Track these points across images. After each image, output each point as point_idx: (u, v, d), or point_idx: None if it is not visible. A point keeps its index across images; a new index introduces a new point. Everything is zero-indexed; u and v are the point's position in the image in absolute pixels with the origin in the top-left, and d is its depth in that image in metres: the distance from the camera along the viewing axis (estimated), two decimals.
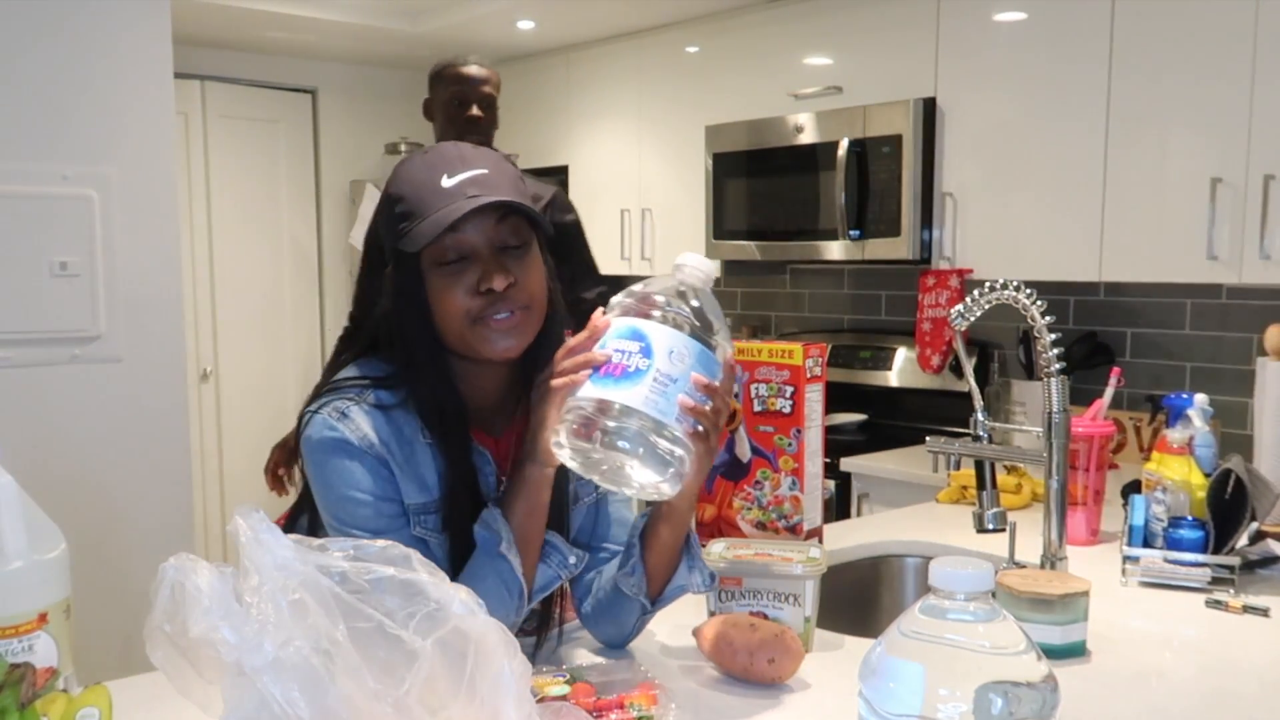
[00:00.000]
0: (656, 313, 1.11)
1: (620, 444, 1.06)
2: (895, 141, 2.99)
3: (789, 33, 3.36)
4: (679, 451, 1.09)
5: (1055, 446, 1.57)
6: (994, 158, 2.89)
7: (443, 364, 1.26)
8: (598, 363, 1.10)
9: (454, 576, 1.23)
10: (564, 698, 1.06)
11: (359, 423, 1.24)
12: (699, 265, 1.14)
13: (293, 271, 4.56)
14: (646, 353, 1.08)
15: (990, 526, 1.64)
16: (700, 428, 1.11)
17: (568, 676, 1.12)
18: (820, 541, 1.60)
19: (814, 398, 1.56)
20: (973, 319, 1.61)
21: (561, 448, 1.11)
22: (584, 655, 1.32)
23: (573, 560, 1.26)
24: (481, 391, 1.30)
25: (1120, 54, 2.61)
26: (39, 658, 1.01)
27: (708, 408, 1.12)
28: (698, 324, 1.12)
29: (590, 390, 1.09)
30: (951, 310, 1.63)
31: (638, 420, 1.07)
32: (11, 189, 2.18)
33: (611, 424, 1.07)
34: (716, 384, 1.13)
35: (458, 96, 2.67)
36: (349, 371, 1.29)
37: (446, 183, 1.22)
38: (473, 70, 2.69)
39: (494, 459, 1.30)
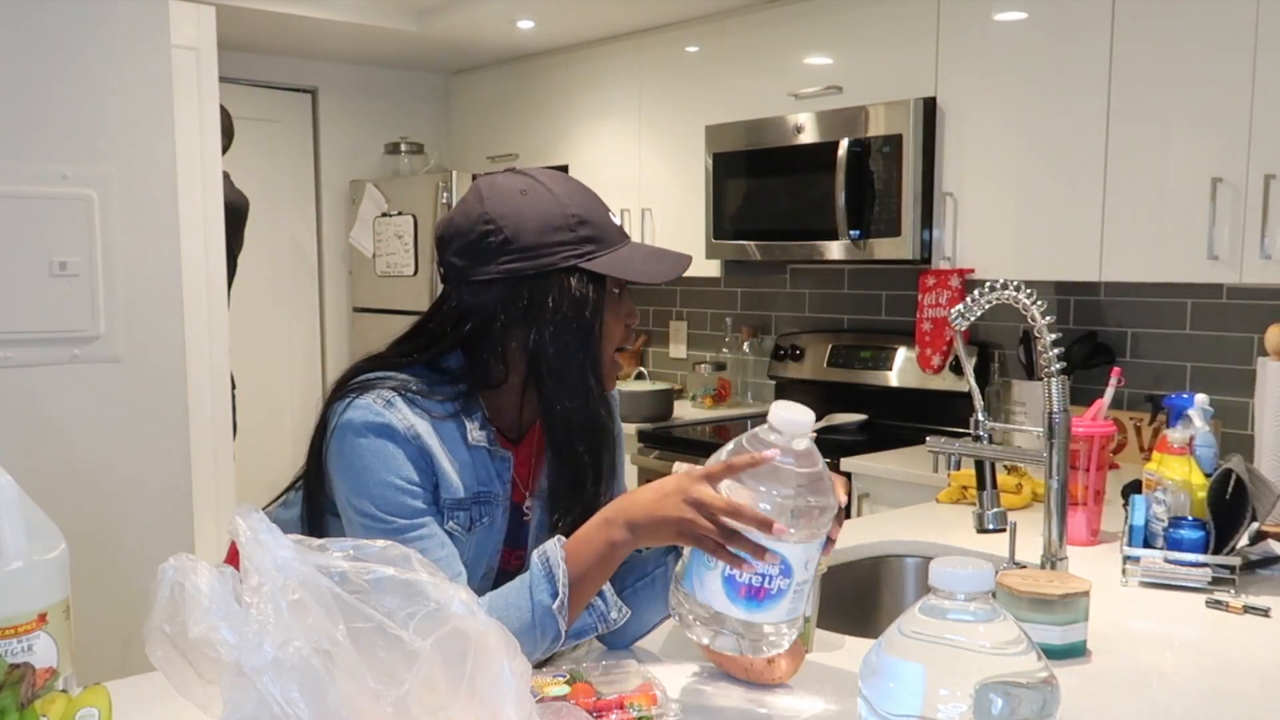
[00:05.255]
0: (788, 517, 1.08)
1: (764, 649, 1.11)
2: (895, 141, 2.99)
3: (789, 33, 3.36)
4: (803, 611, 1.13)
5: (1055, 446, 1.57)
6: (994, 157, 2.89)
7: (594, 376, 1.30)
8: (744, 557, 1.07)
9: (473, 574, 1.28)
10: (564, 698, 1.06)
11: (404, 412, 1.25)
12: (797, 422, 1.10)
13: (293, 271, 4.56)
14: (786, 572, 1.08)
15: (990, 526, 1.64)
16: None
17: (568, 677, 1.11)
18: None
19: None
20: (973, 319, 1.61)
21: (695, 634, 1.12)
22: (584, 655, 1.32)
23: (614, 616, 1.23)
24: (507, 404, 1.34)
25: (1120, 54, 2.61)
26: (39, 658, 1.01)
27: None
28: (813, 500, 1.09)
29: (733, 610, 1.08)
30: (952, 310, 1.63)
31: (780, 627, 1.11)
32: (11, 189, 2.18)
33: (756, 637, 1.10)
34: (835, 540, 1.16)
35: None
36: (400, 375, 1.30)
37: (615, 219, 1.33)
38: None
39: (514, 465, 1.34)
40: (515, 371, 1.31)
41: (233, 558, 1.38)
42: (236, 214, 3.41)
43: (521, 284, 1.26)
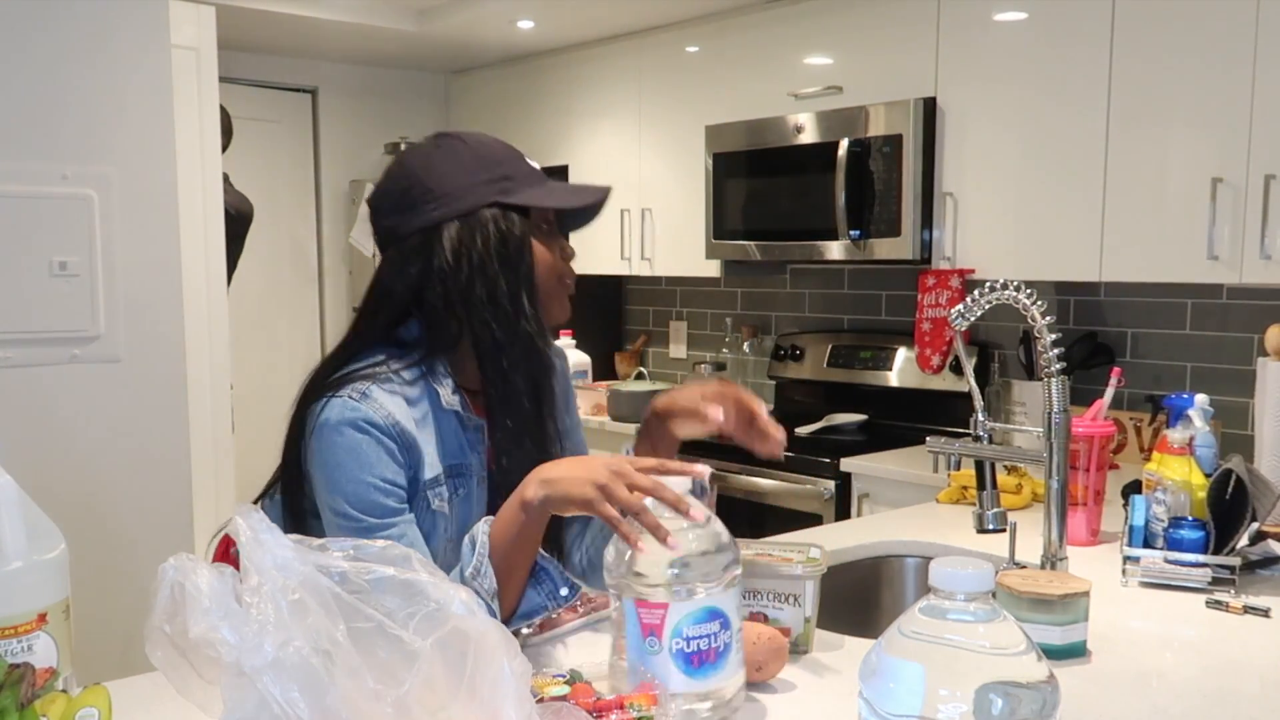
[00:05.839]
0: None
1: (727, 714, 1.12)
2: (895, 141, 2.99)
3: (789, 33, 3.36)
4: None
5: (1055, 446, 1.57)
6: (994, 157, 2.89)
7: (529, 306, 1.33)
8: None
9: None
10: (564, 698, 1.06)
11: (380, 400, 1.26)
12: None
13: (293, 271, 4.56)
14: (725, 624, 1.10)
15: (990, 527, 1.64)
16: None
17: (567, 677, 1.11)
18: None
19: None
20: (973, 319, 1.61)
21: None
22: (584, 656, 1.32)
23: (564, 592, 1.26)
24: (470, 364, 1.35)
25: (1121, 53, 2.61)
26: (38, 658, 1.01)
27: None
28: (723, 536, 1.12)
29: (693, 686, 1.09)
30: (952, 310, 1.63)
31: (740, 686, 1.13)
32: (11, 189, 2.18)
33: (719, 702, 1.10)
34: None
35: None
36: (356, 363, 1.31)
37: (534, 164, 1.38)
38: None
39: (486, 433, 1.35)
40: (466, 325, 1.33)
41: (222, 555, 1.40)
42: (244, 220, 3.41)
43: (448, 228, 1.30)
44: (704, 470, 1.14)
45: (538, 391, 1.35)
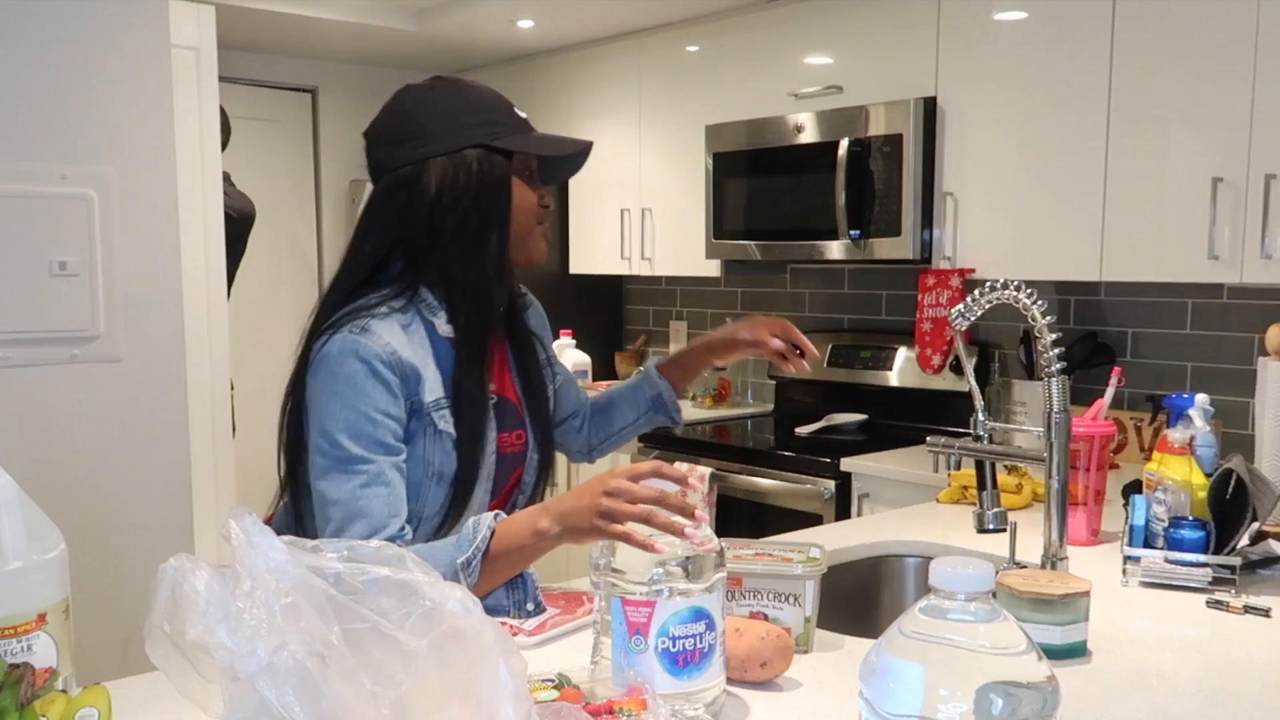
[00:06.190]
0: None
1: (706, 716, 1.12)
2: (895, 141, 2.99)
3: (789, 33, 3.36)
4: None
5: (1056, 446, 1.57)
6: (994, 157, 2.88)
7: (503, 248, 1.41)
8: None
9: (469, 455, 1.40)
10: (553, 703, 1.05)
11: (379, 333, 1.34)
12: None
13: (293, 271, 4.56)
14: (711, 625, 1.10)
15: (991, 526, 1.64)
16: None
17: (556, 681, 1.11)
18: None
19: None
20: (973, 319, 1.61)
21: None
22: (572, 660, 1.31)
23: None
24: None
25: (1121, 53, 2.61)
26: (38, 658, 1.01)
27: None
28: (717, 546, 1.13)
29: (678, 686, 1.09)
30: (952, 310, 1.63)
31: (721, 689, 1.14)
32: (11, 189, 2.18)
33: (699, 703, 1.11)
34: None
35: None
36: (348, 305, 1.38)
37: (520, 113, 1.46)
38: None
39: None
40: (437, 256, 1.40)
41: None
42: (246, 220, 3.41)
43: (434, 164, 1.38)
44: (704, 471, 1.15)
45: (486, 327, 1.42)
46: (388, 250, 1.42)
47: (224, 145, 3.24)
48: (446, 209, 1.38)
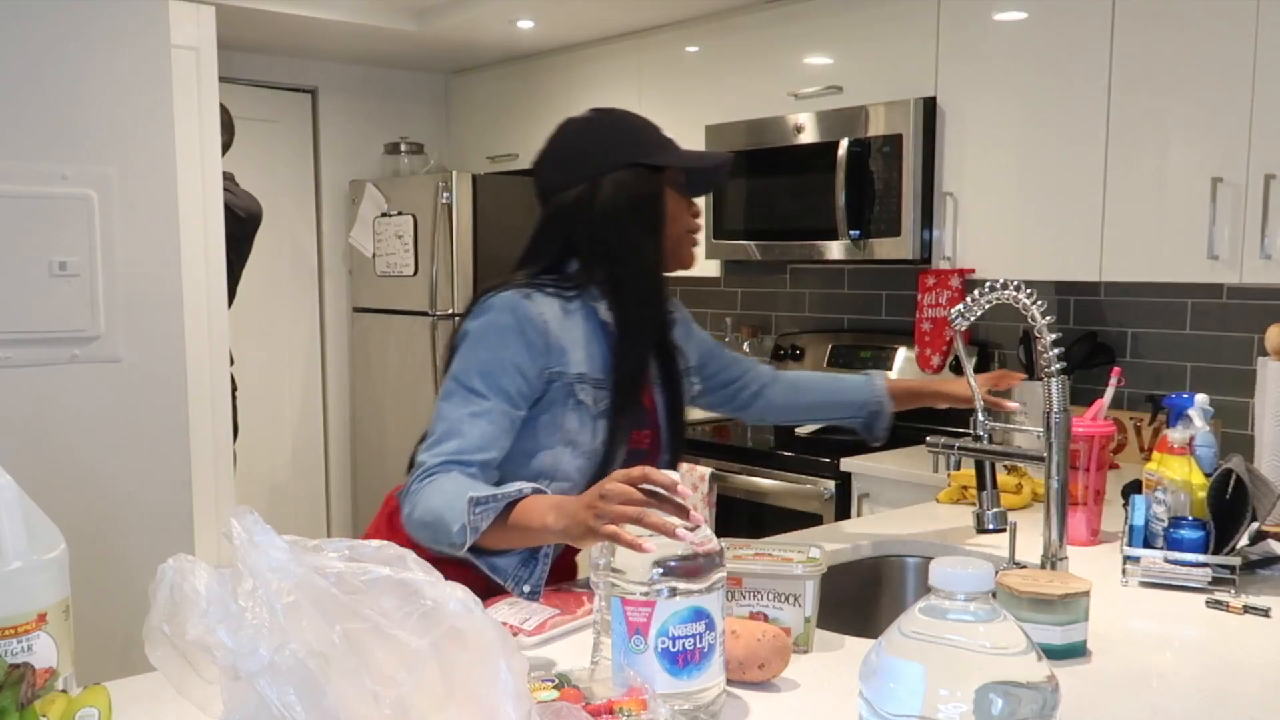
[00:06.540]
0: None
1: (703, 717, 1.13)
2: (895, 141, 2.99)
3: (789, 33, 3.36)
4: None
5: (1055, 446, 1.57)
6: (994, 158, 2.88)
7: (659, 256, 1.58)
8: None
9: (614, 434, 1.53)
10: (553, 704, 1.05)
11: (539, 302, 1.49)
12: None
13: (293, 271, 4.56)
14: (710, 625, 1.11)
15: (990, 526, 1.64)
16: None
17: (556, 681, 1.11)
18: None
19: None
20: (973, 319, 1.61)
21: None
22: (572, 660, 1.32)
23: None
24: None
25: (1121, 53, 2.61)
26: (38, 658, 1.01)
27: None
28: (718, 549, 1.14)
29: (677, 686, 1.10)
30: (952, 310, 1.63)
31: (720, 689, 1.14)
32: (11, 189, 2.18)
33: (698, 704, 1.11)
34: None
35: None
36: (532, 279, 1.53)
37: (666, 135, 1.61)
38: None
39: None
40: (603, 266, 1.55)
41: (385, 522, 1.62)
42: (253, 221, 3.40)
43: (596, 185, 1.53)
44: (704, 471, 1.16)
45: (658, 329, 1.59)
46: (559, 258, 1.57)
47: (228, 145, 3.24)
48: (610, 220, 1.52)
